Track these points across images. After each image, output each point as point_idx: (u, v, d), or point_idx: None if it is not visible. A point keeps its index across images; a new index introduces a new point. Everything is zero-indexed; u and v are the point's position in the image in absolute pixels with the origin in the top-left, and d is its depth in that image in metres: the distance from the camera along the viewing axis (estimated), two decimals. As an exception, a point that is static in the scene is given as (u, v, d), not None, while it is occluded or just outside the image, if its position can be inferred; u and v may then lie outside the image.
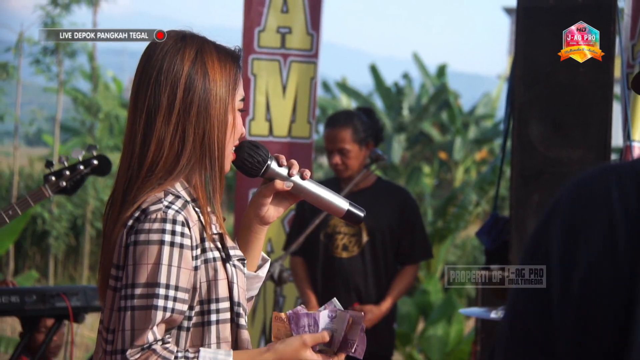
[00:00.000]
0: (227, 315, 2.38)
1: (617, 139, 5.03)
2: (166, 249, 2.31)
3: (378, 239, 5.22)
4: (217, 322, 2.38)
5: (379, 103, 18.66)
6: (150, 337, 2.28)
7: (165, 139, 2.43)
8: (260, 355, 2.34)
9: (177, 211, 2.35)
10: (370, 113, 5.35)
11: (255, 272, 2.57)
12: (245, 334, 2.41)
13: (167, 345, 2.31)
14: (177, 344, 2.36)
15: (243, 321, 2.41)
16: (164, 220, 2.32)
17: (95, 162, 4.14)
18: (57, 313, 4.72)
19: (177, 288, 2.31)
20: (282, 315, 2.41)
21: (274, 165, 2.48)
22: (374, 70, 18.13)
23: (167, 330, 2.34)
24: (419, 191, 16.33)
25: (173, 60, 2.47)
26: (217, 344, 2.37)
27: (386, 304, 5.16)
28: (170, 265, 2.30)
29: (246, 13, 5.81)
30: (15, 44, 13.31)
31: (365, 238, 5.23)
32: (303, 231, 5.30)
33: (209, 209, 2.43)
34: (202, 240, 2.38)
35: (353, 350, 2.38)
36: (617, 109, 5.08)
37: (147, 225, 2.32)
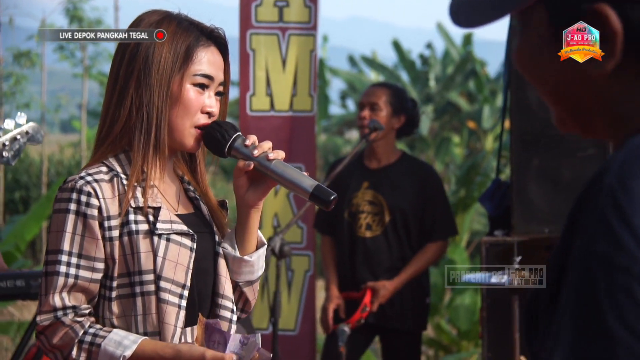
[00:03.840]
0: (151, 287, 2.39)
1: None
2: (70, 217, 2.37)
3: (400, 218, 5.22)
4: (142, 294, 2.39)
5: (404, 76, 18.57)
6: (57, 302, 2.37)
7: (110, 107, 2.48)
8: (163, 350, 2.34)
9: (87, 182, 2.39)
10: (414, 102, 5.39)
11: (243, 256, 2.52)
12: (168, 309, 2.39)
13: (79, 319, 2.37)
14: (103, 314, 2.41)
15: (166, 295, 2.39)
16: (72, 189, 2.38)
17: (30, 130, 4.14)
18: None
19: (80, 255, 2.38)
20: (204, 321, 2.40)
21: (237, 144, 2.45)
22: (396, 45, 18.04)
23: (91, 300, 2.41)
24: (450, 161, 16.23)
25: (134, 27, 2.51)
26: (142, 316, 2.39)
27: (398, 280, 5.15)
28: (74, 233, 2.38)
29: (243, -12, 5.81)
30: (38, 31, 13.38)
31: (387, 217, 5.23)
32: (331, 210, 5.31)
33: (151, 183, 2.44)
34: (127, 212, 2.40)
35: None
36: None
37: (59, 195, 2.41)
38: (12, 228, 9.45)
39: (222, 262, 2.51)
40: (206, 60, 2.48)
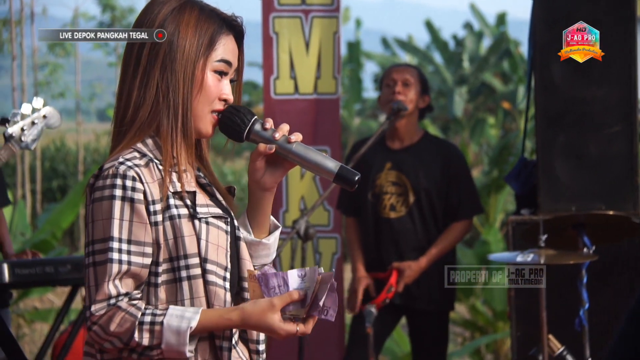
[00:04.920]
0: (198, 271, 2.37)
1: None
2: (117, 204, 2.34)
3: (425, 198, 5.20)
4: (189, 278, 2.37)
5: (437, 57, 18.51)
6: (111, 290, 2.32)
7: (132, 92, 2.44)
8: (227, 314, 2.33)
9: (129, 167, 2.35)
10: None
11: (260, 239, 2.54)
12: (217, 291, 2.38)
13: (134, 302, 2.32)
14: (148, 300, 2.37)
15: (213, 277, 2.38)
16: (115, 175, 2.34)
17: (47, 114, 4.15)
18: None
19: (129, 241, 2.34)
20: (255, 273, 2.38)
21: (257, 128, 2.44)
22: (429, 26, 18.00)
23: (138, 287, 2.37)
24: (485, 143, 16.15)
25: (152, 13, 2.49)
26: (190, 300, 2.37)
27: (424, 260, 5.14)
28: (122, 219, 2.33)
29: (265, -29, 5.80)
30: (71, 20, 13.48)
31: (412, 197, 5.21)
32: (354, 191, 5.30)
33: (183, 168, 2.43)
34: (167, 197, 2.38)
35: (325, 313, 2.32)
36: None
37: (100, 183, 2.36)
38: (48, 216, 9.53)
39: (243, 246, 2.51)
40: (226, 48, 2.49)
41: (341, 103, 17.14)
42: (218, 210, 2.45)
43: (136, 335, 2.29)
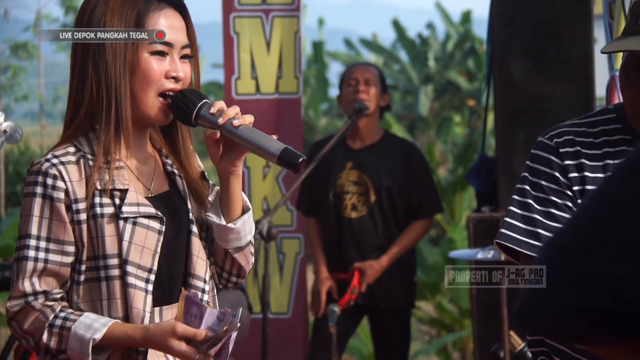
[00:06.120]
0: (116, 272, 2.36)
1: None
2: (37, 201, 2.34)
3: (386, 197, 5.22)
4: (107, 278, 2.36)
5: (403, 55, 18.52)
6: (26, 287, 2.33)
7: (72, 92, 2.42)
8: (133, 331, 2.32)
9: (52, 164, 2.33)
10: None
11: (228, 223, 2.47)
12: (136, 294, 2.37)
13: (50, 303, 2.34)
14: (70, 297, 2.37)
15: (133, 280, 2.36)
16: (37, 172, 2.33)
17: (7, 129, 4.11)
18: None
19: (48, 239, 2.34)
20: (185, 294, 2.35)
21: (203, 112, 2.39)
22: (396, 24, 18.02)
23: (63, 285, 2.37)
24: (451, 141, 16.17)
25: (86, 4, 2.44)
26: (107, 301, 2.35)
27: (385, 259, 5.15)
28: (41, 217, 2.33)
29: (225, -29, 5.78)
30: (34, 23, 13.39)
31: (373, 197, 5.22)
32: (313, 190, 5.32)
33: (119, 164, 2.39)
34: (94, 195, 2.35)
35: (219, 356, 2.33)
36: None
37: (27, 178, 2.37)
38: (12, 220, 9.47)
39: (195, 241, 2.47)
40: (160, 26, 2.41)
41: (308, 103, 16.98)
42: (150, 210, 2.40)
43: (44, 337, 2.31)
